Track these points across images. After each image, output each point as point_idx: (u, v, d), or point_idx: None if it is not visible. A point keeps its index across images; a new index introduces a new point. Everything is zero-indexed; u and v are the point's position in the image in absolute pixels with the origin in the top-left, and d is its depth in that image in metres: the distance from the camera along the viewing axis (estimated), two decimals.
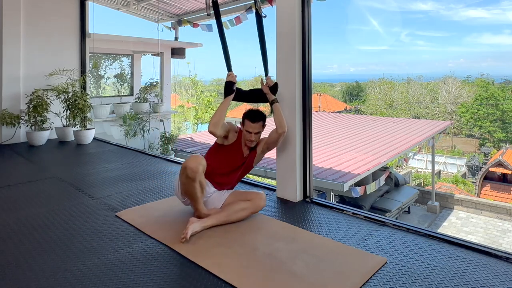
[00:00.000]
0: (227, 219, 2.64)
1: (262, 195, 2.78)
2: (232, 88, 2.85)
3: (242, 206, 2.68)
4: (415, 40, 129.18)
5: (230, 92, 2.86)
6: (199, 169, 2.46)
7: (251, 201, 2.70)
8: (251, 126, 2.76)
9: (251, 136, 2.78)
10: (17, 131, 5.96)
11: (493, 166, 16.54)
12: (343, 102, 41.15)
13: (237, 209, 2.66)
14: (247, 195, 2.76)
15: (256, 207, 2.72)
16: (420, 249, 2.32)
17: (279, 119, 2.88)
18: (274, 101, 2.98)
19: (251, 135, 2.78)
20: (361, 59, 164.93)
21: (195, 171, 2.43)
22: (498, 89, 32.20)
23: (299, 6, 3.24)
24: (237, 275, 2.00)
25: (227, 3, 7.83)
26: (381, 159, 8.76)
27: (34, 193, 3.46)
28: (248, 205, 2.69)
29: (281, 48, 3.33)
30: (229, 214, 2.64)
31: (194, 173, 2.44)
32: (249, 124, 2.77)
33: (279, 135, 2.88)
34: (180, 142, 10.82)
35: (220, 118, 2.73)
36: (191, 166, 2.43)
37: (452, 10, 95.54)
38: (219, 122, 2.72)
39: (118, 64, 10.02)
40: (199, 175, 2.46)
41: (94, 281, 1.95)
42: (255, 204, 2.71)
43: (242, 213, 2.68)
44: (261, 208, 2.76)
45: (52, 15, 6.52)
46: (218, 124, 2.71)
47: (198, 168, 2.45)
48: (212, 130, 2.69)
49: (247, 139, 2.81)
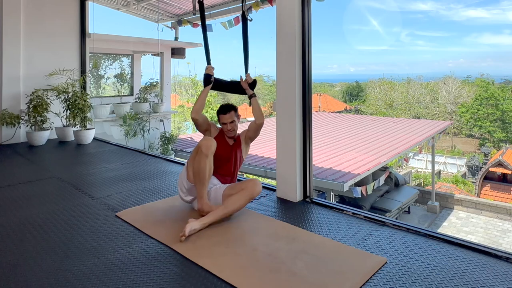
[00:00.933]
0: (225, 211, 2.67)
1: (255, 181, 2.84)
2: (209, 80, 3.13)
3: (238, 196, 2.72)
4: (415, 40, 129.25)
5: (208, 83, 3.15)
6: (212, 146, 2.71)
7: (245, 189, 2.74)
8: (224, 118, 3.00)
9: (228, 126, 3.01)
10: (17, 131, 5.96)
11: (493, 166, 16.54)
12: (343, 102, 41.16)
13: (234, 200, 2.70)
14: (241, 185, 2.80)
15: (252, 193, 2.75)
16: (420, 249, 2.32)
17: (257, 112, 3.10)
18: (252, 96, 3.17)
19: (227, 125, 3.01)
20: (361, 59, 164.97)
21: (208, 147, 2.69)
22: (498, 89, 32.20)
23: (299, 6, 3.24)
24: (237, 275, 2.00)
25: (227, 3, 7.84)
26: (381, 159, 8.76)
27: (34, 193, 3.46)
28: (244, 193, 2.73)
29: (281, 48, 3.33)
30: (226, 206, 2.68)
31: (207, 149, 2.68)
32: (222, 116, 3.02)
33: (258, 126, 3.08)
34: (180, 142, 10.82)
35: (201, 106, 3.03)
36: (206, 143, 2.70)
37: (452, 10, 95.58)
38: (200, 109, 3.03)
39: (118, 64, 10.02)
40: (211, 153, 2.70)
41: (94, 281, 1.95)
42: (250, 190, 2.74)
43: (239, 202, 2.71)
44: (257, 193, 2.78)
45: (52, 15, 6.52)
46: (199, 110, 3.01)
47: (212, 145, 2.71)
48: (195, 116, 2.97)
49: (225, 129, 3.03)
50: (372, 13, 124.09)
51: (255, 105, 3.12)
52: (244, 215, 2.86)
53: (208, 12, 8.22)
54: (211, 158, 2.72)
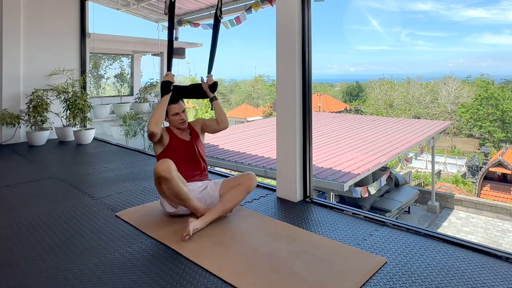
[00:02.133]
0: (224, 208, 2.68)
1: (250, 174, 2.81)
2: (169, 88, 2.89)
3: (235, 191, 2.71)
4: (415, 40, 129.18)
5: (167, 91, 2.90)
6: (170, 167, 2.50)
7: (241, 184, 2.74)
8: (176, 107, 2.88)
9: (181, 116, 2.89)
10: (17, 131, 5.96)
11: (493, 166, 16.54)
12: (343, 102, 41.16)
13: (231, 196, 2.70)
14: (236, 180, 2.79)
15: (248, 187, 2.75)
16: (420, 249, 2.32)
17: (221, 116, 2.99)
18: (213, 99, 3.04)
19: (180, 114, 2.89)
20: (361, 59, 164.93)
21: (168, 171, 2.47)
22: (498, 89, 32.19)
23: (299, 6, 3.24)
24: (237, 275, 2.00)
25: (227, 3, 7.83)
26: (381, 159, 8.77)
27: (34, 193, 3.46)
28: (241, 188, 2.73)
29: (281, 48, 3.33)
30: (224, 203, 2.68)
31: (169, 172, 2.47)
32: (173, 106, 2.87)
33: (220, 130, 3.02)
34: None
35: (160, 117, 2.77)
36: (164, 169, 2.47)
37: (452, 10, 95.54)
38: (160, 122, 2.76)
39: (118, 64, 10.02)
40: (173, 171, 2.50)
41: (94, 281, 1.95)
42: (246, 185, 2.74)
43: (237, 198, 2.71)
44: (253, 186, 2.78)
45: (52, 15, 6.52)
46: (158, 123, 2.74)
47: (170, 166, 2.49)
48: (154, 130, 2.70)
49: (178, 120, 2.89)
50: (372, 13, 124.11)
51: (218, 109, 3.01)
52: (244, 215, 2.87)
53: (208, 12, 8.22)
54: (176, 174, 2.53)
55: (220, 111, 3.01)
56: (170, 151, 2.84)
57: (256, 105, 40.56)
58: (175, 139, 2.90)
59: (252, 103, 41.38)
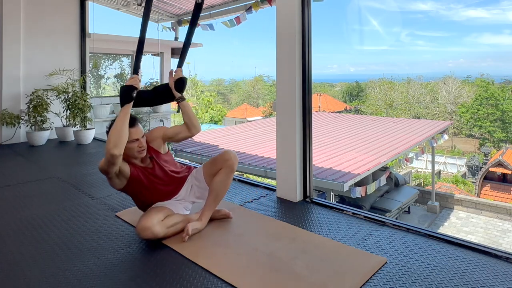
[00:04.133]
0: (217, 200, 2.54)
1: (228, 154, 2.54)
2: (131, 95, 2.33)
3: (220, 178, 2.51)
4: (415, 40, 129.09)
5: (128, 99, 2.33)
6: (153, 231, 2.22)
7: (223, 168, 2.52)
8: (134, 133, 2.36)
9: (140, 142, 2.39)
10: (17, 131, 5.96)
11: (493, 166, 16.55)
12: (343, 102, 41.16)
13: (219, 185, 2.50)
14: (215, 165, 2.54)
15: (231, 168, 2.52)
16: (420, 249, 2.32)
17: (192, 120, 2.56)
18: (180, 99, 2.57)
19: (139, 141, 2.38)
20: (361, 59, 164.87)
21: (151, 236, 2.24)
22: (498, 89, 32.19)
23: (299, 6, 3.23)
24: (237, 275, 2.00)
25: (227, 3, 7.83)
26: (381, 159, 8.77)
27: (34, 193, 3.46)
28: (224, 172, 2.51)
29: (281, 48, 3.33)
30: (215, 195, 2.51)
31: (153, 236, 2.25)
32: (130, 132, 2.32)
33: (191, 136, 2.63)
34: (180, 142, 10.80)
35: (123, 135, 2.21)
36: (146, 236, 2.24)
37: (452, 10, 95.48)
38: (123, 140, 2.20)
39: (118, 64, 10.02)
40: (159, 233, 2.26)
41: (94, 281, 1.95)
42: (228, 167, 2.52)
43: (224, 184, 2.52)
44: (235, 164, 2.54)
45: (52, 15, 6.52)
46: (121, 143, 2.19)
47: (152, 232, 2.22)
48: (116, 152, 2.15)
49: (137, 149, 2.39)
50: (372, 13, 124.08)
51: (188, 111, 2.55)
52: (244, 215, 2.86)
53: (208, 12, 8.22)
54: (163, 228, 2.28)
55: (191, 114, 2.57)
56: (135, 185, 2.42)
57: (256, 105, 40.57)
58: (137, 169, 2.41)
59: (252, 103, 41.39)
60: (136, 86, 2.40)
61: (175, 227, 2.39)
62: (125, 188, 2.46)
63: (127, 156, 2.38)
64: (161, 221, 2.31)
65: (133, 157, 2.42)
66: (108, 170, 2.26)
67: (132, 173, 2.39)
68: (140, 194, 2.51)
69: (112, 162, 2.19)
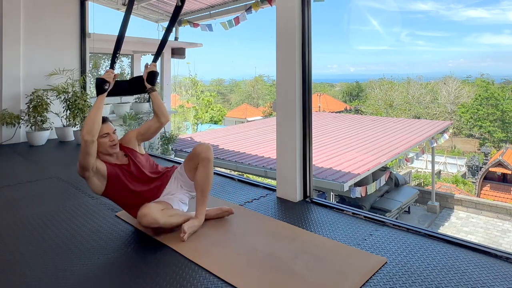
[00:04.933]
0: (204, 193, 2.53)
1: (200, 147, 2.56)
2: (103, 87, 2.53)
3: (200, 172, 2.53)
4: (415, 40, 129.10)
5: (101, 91, 2.54)
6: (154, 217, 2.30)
7: (200, 162, 2.53)
8: (105, 127, 2.47)
9: (111, 137, 2.49)
10: (17, 131, 5.96)
11: (493, 166, 16.55)
12: (343, 102, 41.16)
13: (202, 178, 2.52)
14: (193, 160, 2.58)
15: (208, 160, 2.53)
16: (420, 249, 2.32)
17: (161, 109, 2.69)
18: (151, 90, 2.74)
19: (110, 135, 2.49)
20: (361, 59, 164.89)
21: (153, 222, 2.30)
22: (498, 89, 32.20)
23: (299, 6, 3.23)
24: (237, 275, 2.00)
25: (227, 3, 7.83)
26: (381, 159, 8.77)
27: (34, 193, 3.46)
28: (203, 165, 2.53)
29: (281, 48, 3.33)
30: (201, 190, 2.53)
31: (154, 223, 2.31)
32: (103, 126, 2.45)
33: (161, 125, 2.73)
34: (180, 142, 10.82)
35: (96, 122, 2.34)
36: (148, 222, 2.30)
37: (452, 10, 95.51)
38: (96, 127, 2.33)
39: (118, 64, 10.01)
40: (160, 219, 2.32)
41: (94, 281, 1.95)
42: (204, 160, 2.53)
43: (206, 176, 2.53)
44: (210, 155, 2.55)
45: (52, 15, 6.52)
46: (94, 130, 2.32)
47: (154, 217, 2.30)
48: (89, 138, 2.28)
49: (109, 143, 2.48)
50: (372, 13, 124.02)
51: (157, 101, 2.70)
52: (244, 215, 2.86)
53: (208, 12, 8.22)
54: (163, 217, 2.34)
55: (160, 103, 2.72)
56: (114, 183, 2.48)
57: (256, 105, 40.57)
58: (112, 166, 2.49)
59: (252, 103, 41.39)
60: (108, 80, 2.55)
61: (175, 218, 2.43)
62: (106, 190, 2.50)
63: (101, 153, 2.47)
64: (161, 210, 2.38)
65: (106, 153, 2.50)
66: (85, 163, 2.33)
67: (109, 170, 2.46)
68: (122, 196, 2.53)
69: (87, 150, 2.29)
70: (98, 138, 2.40)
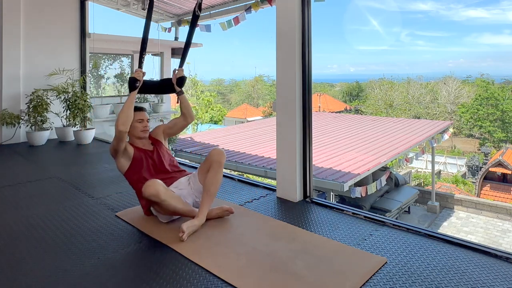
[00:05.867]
0: (209, 194, 2.62)
1: (214, 151, 2.76)
2: (134, 85, 2.85)
3: (211, 174, 2.66)
4: (415, 40, 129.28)
5: (132, 88, 2.87)
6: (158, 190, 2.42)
7: (211, 164, 2.70)
8: (141, 115, 2.87)
9: (144, 123, 2.87)
10: (17, 131, 5.96)
11: (493, 166, 16.55)
12: (343, 102, 41.16)
13: (210, 180, 2.64)
14: (206, 163, 2.75)
15: (219, 163, 2.71)
16: (420, 249, 2.32)
17: (188, 110, 3.00)
18: (180, 93, 3.03)
19: (144, 122, 2.87)
20: (361, 59, 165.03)
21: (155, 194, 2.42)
22: (498, 89, 32.20)
23: (299, 6, 3.23)
24: (237, 275, 2.00)
25: (227, 3, 7.83)
26: (381, 159, 8.77)
27: (34, 193, 3.46)
28: (214, 168, 2.68)
29: (281, 48, 3.33)
30: (207, 190, 2.62)
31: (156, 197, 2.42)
32: (138, 114, 2.84)
33: (187, 124, 3.05)
34: (180, 142, 10.83)
35: (129, 115, 2.69)
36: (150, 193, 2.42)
37: (452, 10, 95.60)
38: (128, 120, 2.68)
39: (118, 64, 10.02)
40: (162, 194, 2.43)
41: (94, 281, 1.95)
42: (215, 163, 2.69)
43: (215, 179, 2.66)
44: (223, 159, 2.74)
45: (52, 15, 6.52)
46: (127, 122, 2.67)
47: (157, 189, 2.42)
48: (123, 129, 2.62)
49: (141, 128, 2.85)
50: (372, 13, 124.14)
51: (185, 102, 3.00)
52: (244, 215, 2.87)
53: (208, 12, 8.21)
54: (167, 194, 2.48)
55: (187, 105, 3.01)
56: (137, 165, 2.77)
57: (256, 105, 40.57)
58: (138, 150, 2.81)
59: (252, 103, 41.39)
60: (138, 78, 2.85)
61: (175, 201, 2.53)
62: (129, 170, 2.77)
63: (132, 135, 2.84)
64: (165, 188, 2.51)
65: (137, 136, 2.85)
66: (117, 147, 2.68)
67: (135, 153, 2.78)
68: (139, 178, 2.73)
69: (120, 137, 2.64)
70: (133, 122, 2.76)
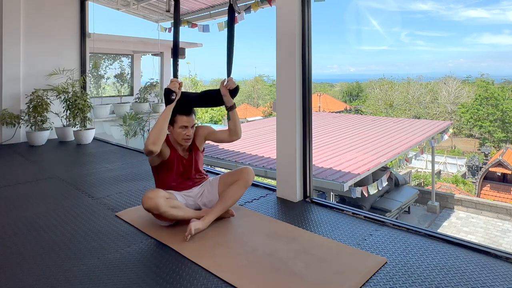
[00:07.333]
0: (224, 206, 2.63)
1: (247, 169, 2.73)
2: (170, 98, 2.52)
3: (234, 188, 2.65)
4: (415, 40, 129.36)
5: (168, 101, 2.54)
6: (158, 203, 2.33)
7: (239, 179, 2.68)
8: (186, 120, 2.57)
9: (188, 131, 2.59)
10: (17, 131, 5.96)
11: (493, 166, 16.54)
12: (343, 102, 41.15)
13: (230, 193, 2.64)
14: (233, 176, 2.72)
15: (246, 182, 2.69)
16: (420, 249, 2.32)
17: (236, 128, 2.70)
18: (233, 107, 2.71)
19: (188, 129, 2.59)
20: (361, 59, 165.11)
21: (155, 207, 2.34)
22: (498, 89, 32.20)
23: (299, 6, 3.24)
24: (237, 275, 2.00)
25: (227, 3, 7.82)
26: (381, 159, 8.76)
27: (34, 193, 3.46)
28: (239, 184, 2.67)
29: (281, 48, 3.33)
30: (223, 201, 2.63)
31: (155, 209, 2.35)
32: (183, 118, 2.56)
33: (231, 141, 2.79)
34: None
35: (161, 134, 2.42)
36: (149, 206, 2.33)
37: (452, 10, 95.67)
38: (160, 140, 2.40)
39: (118, 64, 10.02)
40: (162, 207, 2.34)
41: (94, 281, 1.95)
42: (243, 180, 2.68)
43: (236, 195, 2.66)
44: (251, 180, 2.71)
45: (52, 15, 6.52)
46: (159, 141, 2.39)
47: (156, 203, 2.33)
48: (152, 149, 2.36)
49: (184, 136, 2.60)
50: (372, 13, 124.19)
51: (235, 118, 2.70)
52: (244, 215, 2.87)
53: (208, 12, 8.21)
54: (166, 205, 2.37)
55: (237, 122, 2.70)
56: (166, 167, 2.66)
57: (256, 105, 40.56)
58: (174, 154, 2.66)
59: (252, 103, 41.38)
60: (174, 90, 2.56)
61: (176, 211, 2.46)
62: (158, 166, 2.66)
63: (174, 140, 2.66)
64: (166, 198, 2.43)
65: (178, 142, 2.65)
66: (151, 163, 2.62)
67: (171, 156, 2.64)
68: (164, 177, 2.68)
69: (152, 157, 2.49)
70: (176, 127, 2.57)
